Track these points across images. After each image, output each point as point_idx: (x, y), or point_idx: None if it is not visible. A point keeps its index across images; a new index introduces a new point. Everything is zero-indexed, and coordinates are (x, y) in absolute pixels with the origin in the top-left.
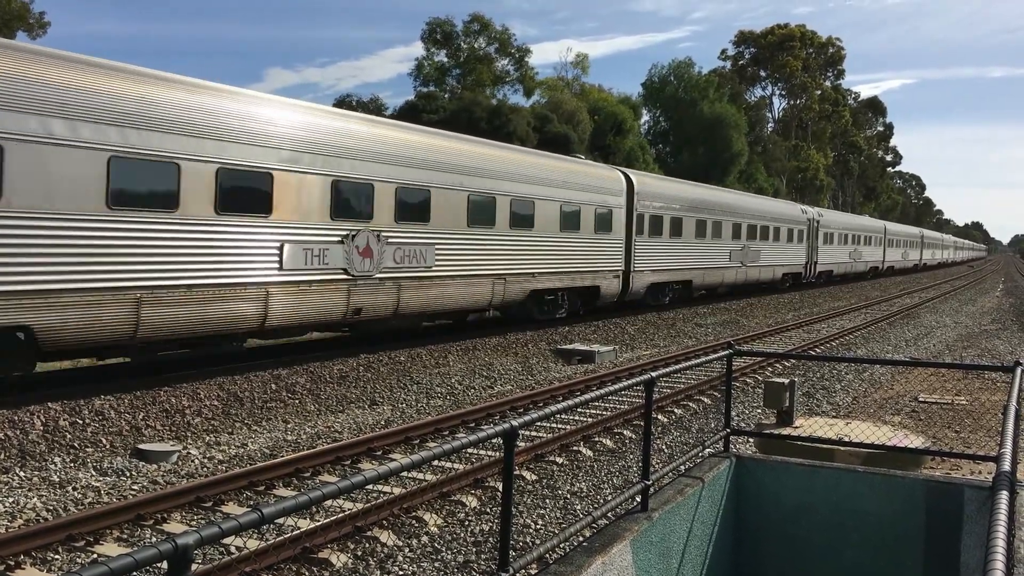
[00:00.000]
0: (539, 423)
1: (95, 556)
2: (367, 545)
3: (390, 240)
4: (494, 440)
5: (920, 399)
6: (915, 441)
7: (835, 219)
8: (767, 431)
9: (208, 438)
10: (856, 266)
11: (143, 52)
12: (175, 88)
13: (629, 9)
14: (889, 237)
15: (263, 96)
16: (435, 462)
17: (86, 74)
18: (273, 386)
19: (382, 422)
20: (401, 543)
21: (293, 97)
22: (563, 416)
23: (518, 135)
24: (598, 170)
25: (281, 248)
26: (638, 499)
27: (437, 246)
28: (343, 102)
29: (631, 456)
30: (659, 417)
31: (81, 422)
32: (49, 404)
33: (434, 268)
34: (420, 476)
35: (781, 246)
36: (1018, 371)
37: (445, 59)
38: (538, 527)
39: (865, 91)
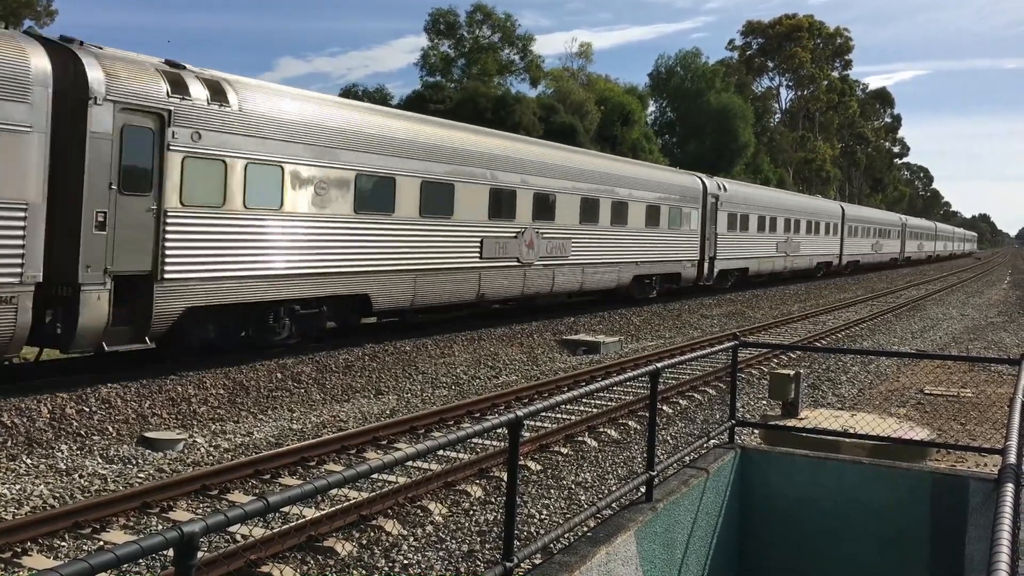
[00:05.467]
0: (544, 413)
1: (101, 543)
2: (372, 534)
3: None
4: (499, 430)
5: (926, 391)
6: (920, 433)
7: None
8: (772, 423)
9: (214, 427)
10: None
11: (152, 42)
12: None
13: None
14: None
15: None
16: (440, 452)
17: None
18: (279, 375)
19: (387, 412)
20: (406, 532)
21: (302, 87)
22: (568, 406)
23: (523, 125)
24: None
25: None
26: (642, 490)
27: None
28: (349, 92)
29: (636, 447)
30: (664, 408)
31: (88, 410)
32: (56, 392)
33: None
34: (425, 466)
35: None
36: None
37: (450, 49)
38: (543, 517)
39: (877, 82)
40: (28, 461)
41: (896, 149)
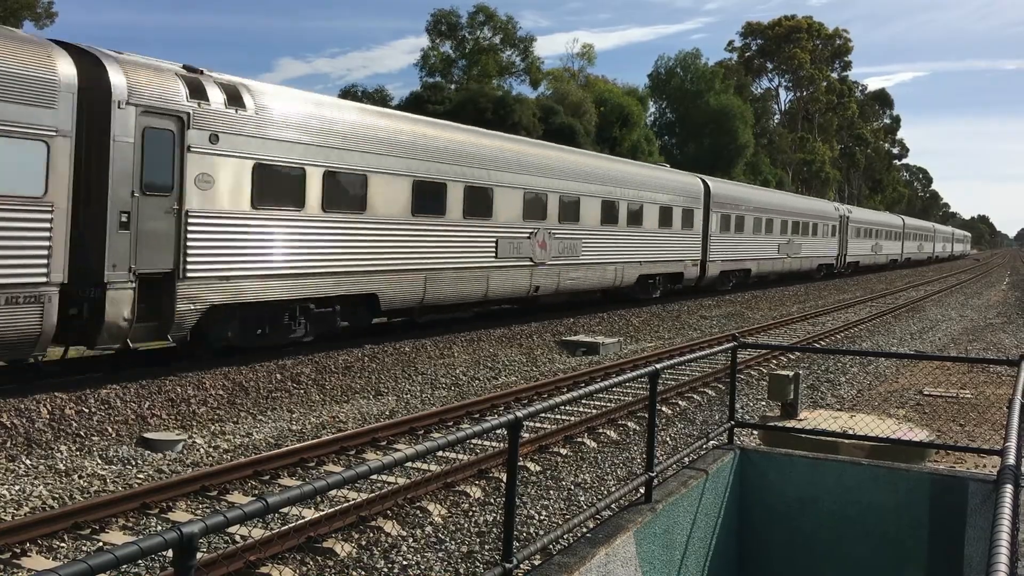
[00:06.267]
0: (543, 414)
1: (101, 544)
2: (371, 535)
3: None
4: (498, 431)
5: (925, 392)
6: (920, 434)
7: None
8: (771, 423)
9: (213, 427)
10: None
11: (150, 41)
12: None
13: (642, 0)
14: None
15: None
16: (439, 453)
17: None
18: (278, 376)
19: (387, 412)
20: (405, 533)
21: (302, 88)
22: (567, 407)
23: (523, 126)
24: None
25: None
26: (642, 491)
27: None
28: (348, 92)
29: (635, 448)
30: (663, 409)
31: (87, 411)
32: (55, 393)
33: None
34: (424, 466)
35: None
36: (1023, 364)
37: (451, 50)
38: (542, 518)
39: (876, 83)
40: (27, 462)
41: (895, 150)
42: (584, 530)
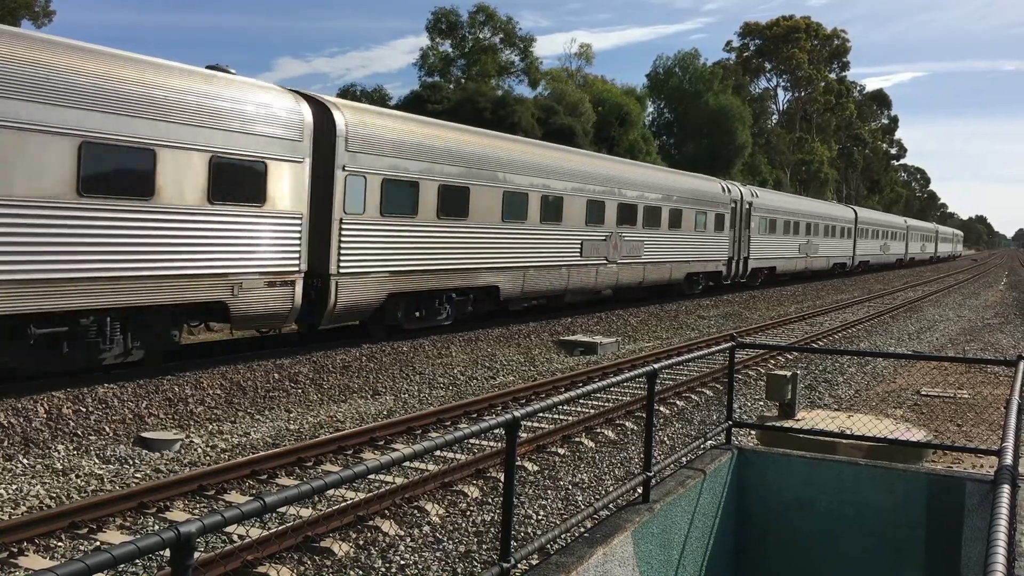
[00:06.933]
0: (541, 414)
1: (98, 543)
2: (369, 534)
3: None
4: (496, 431)
5: (922, 392)
6: (917, 434)
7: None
8: (769, 423)
9: (211, 427)
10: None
11: (149, 41)
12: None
13: (642, 1)
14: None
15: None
16: (437, 452)
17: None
18: (276, 375)
19: (384, 412)
20: (403, 533)
21: (301, 86)
22: (565, 407)
23: (522, 126)
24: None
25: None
26: (639, 490)
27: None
28: (347, 92)
29: (633, 447)
30: (661, 409)
31: (84, 410)
32: (52, 392)
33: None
34: (422, 466)
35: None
36: (1021, 365)
37: (450, 49)
38: (540, 518)
39: (874, 84)
40: (25, 461)
41: (893, 151)
42: (582, 530)
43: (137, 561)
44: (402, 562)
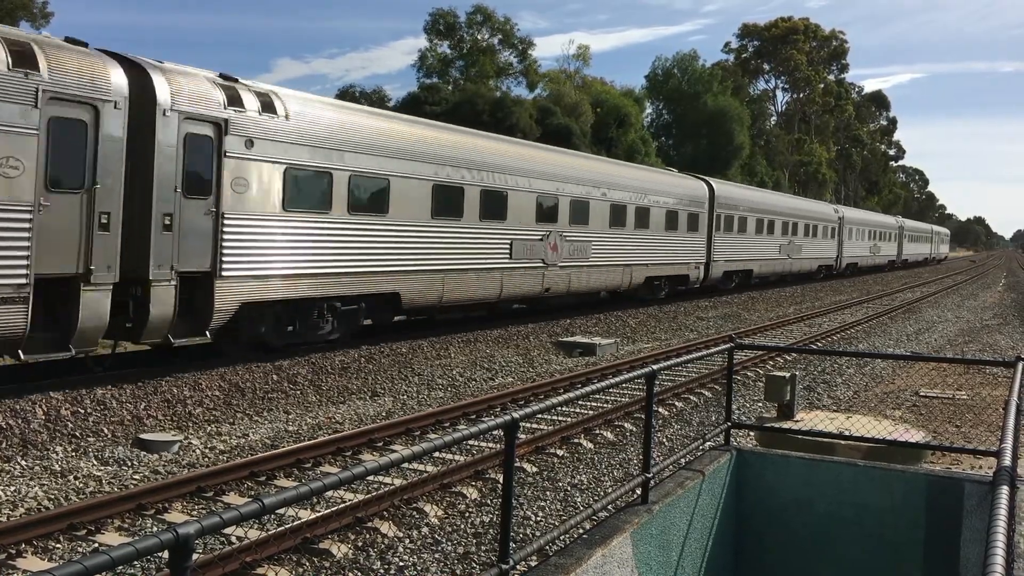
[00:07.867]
0: (540, 415)
1: (96, 545)
2: (367, 536)
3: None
4: (495, 432)
5: (921, 393)
6: (916, 435)
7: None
8: (768, 425)
9: (209, 428)
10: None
11: (148, 42)
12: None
13: (641, 2)
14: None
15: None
16: (436, 453)
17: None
18: (275, 377)
19: (383, 413)
20: (402, 534)
21: (300, 88)
22: (564, 408)
23: (520, 128)
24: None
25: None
26: (638, 492)
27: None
28: (346, 93)
29: (632, 449)
30: (660, 410)
31: (83, 411)
32: (51, 393)
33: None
34: (421, 467)
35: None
36: (1019, 366)
37: (448, 51)
38: (538, 519)
39: (873, 85)
40: (23, 463)
41: (892, 152)
42: (581, 531)
43: (136, 563)
44: (401, 563)
